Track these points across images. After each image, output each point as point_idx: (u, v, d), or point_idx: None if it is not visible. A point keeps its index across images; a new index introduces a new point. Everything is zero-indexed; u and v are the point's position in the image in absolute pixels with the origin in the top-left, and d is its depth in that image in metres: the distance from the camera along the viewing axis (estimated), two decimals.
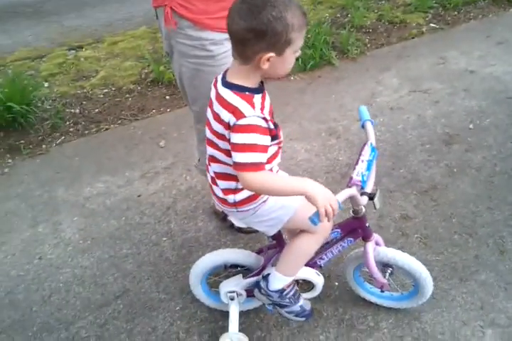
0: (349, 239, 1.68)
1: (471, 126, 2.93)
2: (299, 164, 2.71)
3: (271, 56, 1.18)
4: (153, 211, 2.43)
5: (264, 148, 1.25)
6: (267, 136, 1.26)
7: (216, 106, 1.29)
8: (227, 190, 1.43)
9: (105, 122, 3.24)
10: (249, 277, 1.72)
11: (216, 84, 1.32)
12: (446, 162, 2.65)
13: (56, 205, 2.52)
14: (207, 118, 1.37)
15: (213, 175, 1.45)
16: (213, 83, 1.35)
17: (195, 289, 1.83)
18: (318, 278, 1.74)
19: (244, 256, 1.73)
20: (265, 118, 1.24)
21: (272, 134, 1.29)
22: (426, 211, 2.34)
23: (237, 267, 1.79)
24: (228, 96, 1.26)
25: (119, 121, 3.24)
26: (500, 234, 2.19)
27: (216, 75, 1.35)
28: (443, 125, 2.96)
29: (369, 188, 1.49)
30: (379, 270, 1.70)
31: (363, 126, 1.58)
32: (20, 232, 2.36)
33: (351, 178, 1.42)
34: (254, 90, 1.27)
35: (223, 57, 1.72)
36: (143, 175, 2.69)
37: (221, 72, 1.34)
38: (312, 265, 1.73)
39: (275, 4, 1.13)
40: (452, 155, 2.71)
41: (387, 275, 1.73)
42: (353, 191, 1.38)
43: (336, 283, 2.01)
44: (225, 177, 1.40)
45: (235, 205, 1.44)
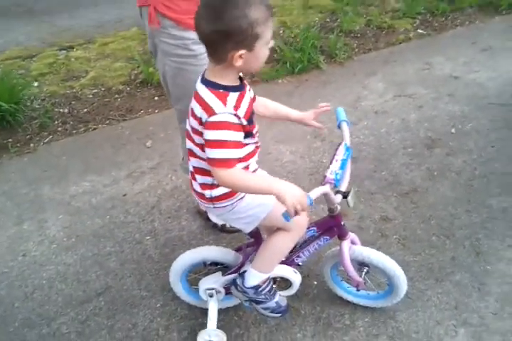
0: (325, 238, 1.72)
1: (453, 131, 2.99)
2: (284, 166, 2.76)
3: (242, 53, 1.22)
4: (137, 210, 2.46)
5: (235, 145, 1.28)
6: (240, 133, 1.30)
7: (192, 101, 1.34)
8: (204, 185, 1.46)
9: (93, 122, 3.27)
10: (227, 274, 1.76)
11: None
12: (427, 165, 2.71)
13: (42, 203, 2.55)
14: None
15: (192, 170, 1.49)
16: None
17: (175, 286, 1.86)
18: (295, 276, 1.78)
19: (222, 254, 1.77)
20: (237, 115, 1.27)
21: (246, 130, 1.33)
22: (406, 213, 2.39)
23: (216, 265, 1.82)
24: (203, 92, 1.30)
25: (107, 121, 3.27)
26: (476, 236, 2.24)
27: (199, 74, 1.39)
28: (426, 129, 3.01)
29: (343, 187, 1.53)
30: (355, 269, 1.74)
31: (339, 127, 1.62)
32: (5, 229, 2.39)
33: (325, 177, 1.46)
34: (230, 88, 1.31)
35: (206, 56, 1.75)
36: (129, 175, 2.73)
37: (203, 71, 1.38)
38: (289, 263, 1.78)
39: (236, 3, 1.17)
40: (434, 158, 2.76)
41: (363, 274, 1.77)
42: (326, 189, 1.42)
43: (315, 282, 2.05)
44: (202, 172, 1.44)
45: (212, 201, 1.48)
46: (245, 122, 1.31)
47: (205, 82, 1.32)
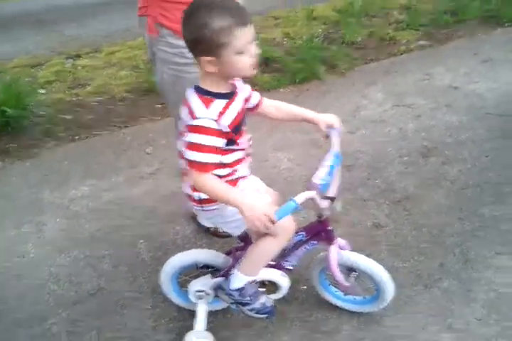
0: (313, 242, 1.74)
1: (450, 140, 3.01)
2: (281, 173, 2.79)
3: (210, 60, 1.28)
4: (134, 214, 2.51)
5: (212, 149, 1.33)
6: (218, 138, 1.34)
7: (183, 104, 1.40)
8: (193, 187, 1.50)
9: (96, 128, 3.34)
10: (216, 277, 1.79)
11: None
12: (422, 174, 2.73)
13: (41, 206, 2.60)
14: None
15: (183, 171, 1.53)
16: None
17: (165, 287, 1.89)
18: (283, 280, 1.79)
19: (212, 257, 1.80)
20: (218, 121, 1.32)
21: (229, 137, 1.37)
22: (397, 220, 2.41)
23: (208, 268, 1.85)
24: (191, 96, 1.37)
25: (110, 128, 3.34)
26: (467, 244, 2.25)
27: (196, 82, 1.44)
28: (422, 138, 3.04)
29: (331, 193, 1.56)
30: (344, 274, 1.76)
31: (329, 134, 1.66)
32: (4, 231, 2.45)
33: (311, 182, 1.49)
34: (217, 95, 1.36)
35: None
36: (128, 180, 2.78)
37: None
38: (278, 266, 1.80)
39: (198, 12, 1.23)
40: (429, 167, 2.79)
41: (352, 279, 1.78)
42: (312, 194, 1.45)
43: (304, 287, 2.06)
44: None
45: (201, 203, 1.52)
46: (227, 129, 1.35)
47: (195, 88, 1.39)
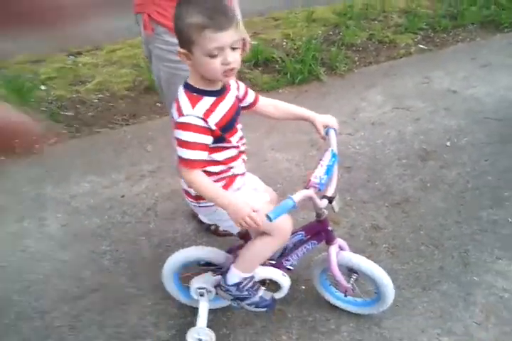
0: (313, 242, 1.77)
1: (448, 144, 3.04)
2: (280, 173, 2.81)
3: (183, 52, 1.32)
4: (134, 211, 2.53)
5: (197, 146, 1.36)
6: (205, 136, 1.37)
7: (174, 101, 1.43)
8: None
9: (97, 125, 3.35)
10: (217, 274, 1.81)
11: None
12: (420, 177, 2.76)
13: (43, 202, 2.62)
14: None
15: (177, 168, 1.56)
16: None
17: (167, 284, 1.91)
18: (283, 279, 1.82)
19: (214, 254, 1.82)
20: (204, 118, 1.35)
21: (215, 135, 1.40)
22: (396, 222, 2.44)
23: (209, 265, 1.86)
24: (180, 93, 1.40)
25: (111, 125, 3.35)
26: (465, 248, 2.28)
27: None
28: (421, 141, 3.07)
29: (329, 192, 1.58)
30: (344, 275, 1.78)
31: (327, 133, 1.68)
32: (6, 225, 2.46)
33: (309, 181, 1.51)
34: (205, 92, 1.39)
35: None
36: (128, 177, 2.80)
37: None
38: (278, 266, 1.83)
39: (181, 4, 1.27)
40: (427, 170, 2.82)
41: (352, 280, 1.80)
42: (310, 192, 1.47)
43: (303, 287, 2.09)
44: None
45: (197, 199, 1.55)
46: (214, 127, 1.37)
47: (184, 85, 1.42)
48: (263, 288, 1.78)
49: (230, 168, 1.55)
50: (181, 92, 1.40)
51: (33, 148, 3.08)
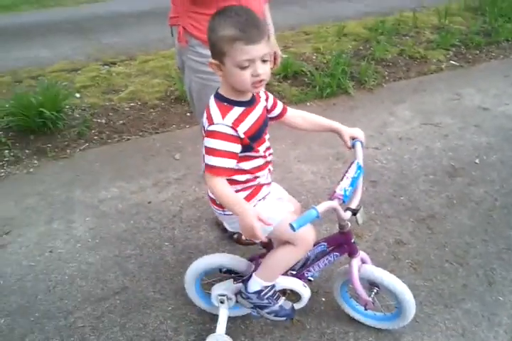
0: (335, 254, 1.76)
1: (477, 161, 3.01)
2: (304, 184, 2.82)
3: (215, 63, 1.36)
4: (160, 217, 2.57)
5: (224, 154, 1.38)
6: (234, 144, 1.39)
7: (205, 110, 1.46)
8: None
9: (128, 133, 3.44)
10: (238, 282, 1.82)
11: None
12: (447, 193, 2.73)
13: (72, 205, 2.70)
14: None
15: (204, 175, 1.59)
16: None
17: (188, 289, 1.93)
18: (304, 290, 1.82)
19: (236, 262, 1.83)
20: (234, 127, 1.38)
21: (244, 143, 1.42)
22: (420, 238, 2.41)
23: (231, 272, 1.88)
24: (211, 102, 1.44)
25: (141, 133, 3.44)
26: (491, 266, 2.24)
27: None
28: (449, 158, 3.04)
29: (353, 204, 1.58)
30: (365, 288, 1.77)
31: (353, 146, 1.69)
32: (36, 226, 2.54)
33: (334, 192, 1.52)
34: (235, 102, 1.42)
35: None
36: (155, 184, 2.85)
37: None
38: (300, 276, 1.83)
39: (216, 16, 1.32)
40: (454, 187, 2.78)
41: (372, 294, 1.78)
42: (334, 204, 1.48)
43: (323, 299, 2.08)
44: None
45: (222, 207, 1.58)
46: (242, 135, 1.40)
47: (215, 95, 1.46)
48: (283, 298, 1.78)
49: (256, 178, 1.57)
50: (212, 102, 1.44)
51: (65, 153, 3.19)
